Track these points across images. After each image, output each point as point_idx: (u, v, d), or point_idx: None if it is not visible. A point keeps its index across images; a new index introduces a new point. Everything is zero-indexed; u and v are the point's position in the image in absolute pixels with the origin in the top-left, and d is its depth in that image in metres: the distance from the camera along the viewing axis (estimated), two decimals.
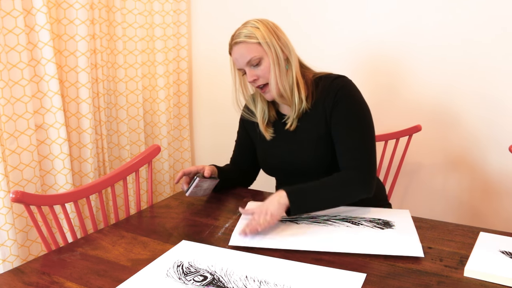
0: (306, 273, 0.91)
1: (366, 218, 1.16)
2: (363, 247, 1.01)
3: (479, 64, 1.70)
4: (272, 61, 1.23)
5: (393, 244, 1.01)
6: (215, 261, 0.96)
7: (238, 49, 1.24)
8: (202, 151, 2.45)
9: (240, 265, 0.94)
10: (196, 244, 1.05)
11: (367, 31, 1.87)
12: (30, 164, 1.63)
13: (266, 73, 1.24)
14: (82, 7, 1.72)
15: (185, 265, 0.95)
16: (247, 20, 1.26)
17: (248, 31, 1.22)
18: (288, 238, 1.06)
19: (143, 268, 0.95)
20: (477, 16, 1.67)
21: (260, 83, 1.25)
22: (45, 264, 1.00)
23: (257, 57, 1.22)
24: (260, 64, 1.23)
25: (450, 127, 1.80)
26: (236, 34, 1.24)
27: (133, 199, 2.08)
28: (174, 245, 1.06)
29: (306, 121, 1.29)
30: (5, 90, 1.51)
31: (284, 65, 1.25)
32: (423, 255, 0.97)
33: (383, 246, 1.01)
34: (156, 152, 1.48)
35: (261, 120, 1.36)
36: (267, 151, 1.38)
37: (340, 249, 1.01)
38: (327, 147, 1.27)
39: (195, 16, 2.27)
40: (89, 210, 1.31)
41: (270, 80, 1.24)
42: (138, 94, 2.10)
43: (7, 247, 1.52)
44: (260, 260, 0.96)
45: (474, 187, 1.81)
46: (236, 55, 1.24)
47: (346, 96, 1.23)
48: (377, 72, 1.90)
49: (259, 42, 1.21)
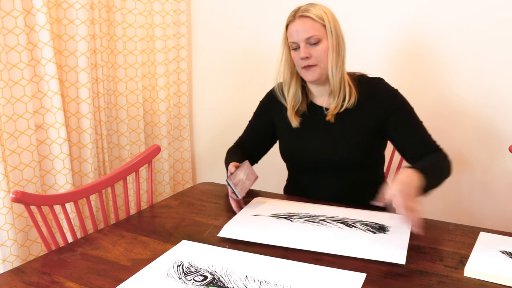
0: (306, 273, 0.91)
1: (364, 221, 1.15)
2: (344, 249, 1.00)
3: (479, 64, 1.70)
4: (332, 47, 1.25)
5: (377, 249, 0.99)
6: (215, 261, 0.96)
7: (303, 22, 1.24)
8: (202, 151, 2.45)
9: (240, 265, 0.94)
10: (196, 244, 1.05)
11: (367, 31, 1.87)
12: (30, 164, 1.63)
13: (320, 54, 1.25)
14: (82, 7, 1.72)
15: (185, 265, 0.95)
16: (312, 2, 1.28)
17: (317, 11, 1.24)
18: (278, 234, 1.07)
19: (143, 268, 0.95)
20: (477, 16, 1.67)
21: (311, 63, 1.26)
22: (45, 264, 1.00)
23: (318, 36, 1.24)
24: (318, 45, 1.25)
25: (450, 126, 1.80)
26: (304, 9, 1.25)
27: (133, 199, 2.08)
28: (175, 245, 1.06)
29: (346, 118, 1.31)
30: (5, 90, 1.51)
31: (341, 55, 1.28)
32: (404, 263, 0.94)
33: (365, 250, 0.99)
34: (156, 152, 1.48)
35: (291, 105, 1.36)
36: (297, 140, 1.37)
37: (322, 249, 1.01)
38: (359, 148, 1.31)
39: (195, 16, 2.27)
40: (89, 210, 1.31)
41: (324, 64, 1.26)
42: (138, 94, 2.10)
43: (7, 247, 1.52)
44: (260, 260, 0.97)
45: (474, 187, 1.81)
46: (298, 27, 1.25)
47: (397, 95, 1.32)
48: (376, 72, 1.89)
49: (324, 25, 1.24)
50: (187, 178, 2.42)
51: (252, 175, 1.30)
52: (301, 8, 1.26)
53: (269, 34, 2.06)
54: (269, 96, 1.46)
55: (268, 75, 1.78)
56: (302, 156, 1.37)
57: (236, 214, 1.22)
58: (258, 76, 2.14)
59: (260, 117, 1.47)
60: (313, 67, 1.26)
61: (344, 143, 1.31)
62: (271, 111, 1.43)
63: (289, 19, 1.28)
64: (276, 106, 1.41)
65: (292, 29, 1.26)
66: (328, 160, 1.32)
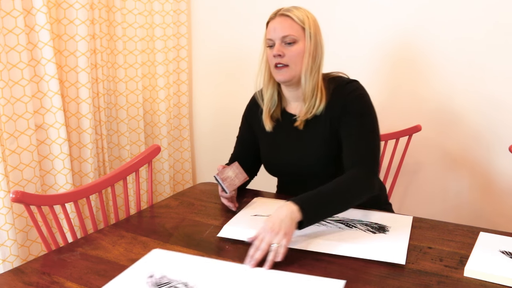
0: (283, 281, 0.89)
1: (363, 221, 1.15)
2: (344, 249, 1.00)
3: (479, 64, 1.70)
4: (308, 52, 1.23)
5: (377, 249, 0.99)
6: (188, 271, 0.92)
7: (283, 20, 1.23)
8: (202, 151, 2.45)
9: (214, 274, 0.91)
10: (169, 253, 1.01)
11: (366, 32, 1.87)
12: (30, 164, 1.63)
13: (294, 55, 1.22)
14: (82, 7, 1.72)
15: (156, 276, 0.91)
16: (297, 5, 1.27)
17: (300, 14, 1.23)
18: None
19: (112, 280, 0.90)
20: (477, 16, 1.67)
21: (283, 62, 1.23)
22: (45, 264, 1.00)
23: (294, 37, 1.22)
24: (293, 45, 1.22)
25: (450, 127, 1.80)
26: (286, 9, 1.24)
27: (133, 199, 2.08)
28: (174, 245, 1.06)
29: (314, 122, 1.28)
30: (5, 90, 1.51)
31: (316, 62, 1.25)
32: (404, 263, 0.95)
33: (366, 250, 0.99)
34: (156, 152, 1.48)
35: (267, 108, 1.34)
36: (271, 148, 1.36)
37: (322, 249, 1.01)
38: (331, 150, 1.27)
39: (195, 16, 2.28)
40: (89, 210, 1.31)
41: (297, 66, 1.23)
42: (138, 94, 2.10)
43: (7, 247, 1.52)
44: (235, 269, 0.94)
45: (474, 187, 1.81)
46: (277, 24, 1.23)
47: (356, 98, 1.24)
48: (377, 72, 1.90)
49: (304, 28, 1.23)
50: (187, 178, 2.42)
51: (242, 175, 1.29)
52: (283, 8, 1.25)
53: None
54: (248, 107, 1.44)
55: None
56: (277, 164, 1.36)
57: (236, 214, 1.22)
58: None
59: (244, 130, 1.46)
60: (284, 67, 1.23)
61: (312, 151, 1.28)
62: (250, 121, 1.42)
63: (270, 17, 1.27)
64: (254, 114, 1.40)
65: (270, 26, 1.25)
66: (300, 168, 1.31)
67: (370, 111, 1.25)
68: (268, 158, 1.39)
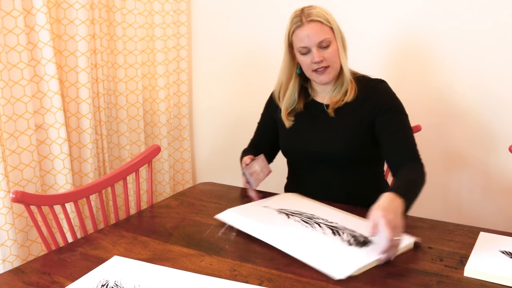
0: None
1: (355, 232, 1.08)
2: (304, 253, 0.99)
3: (478, 64, 1.70)
4: (341, 47, 1.30)
5: (330, 258, 0.96)
6: (142, 280, 0.91)
7: (313, 26, 1.25)
8: (202, 151, 2.45)
9: (168, 283, 0.89)
10: (128, 260, 1.00)
11: (367, 31, 1.87)
12: (30, 164, 1.63)
13: (332, 56, 1.28)
14: (82, 7, 1.72)
15: (110, 284, 0.89)
16: (310, 5, 1.29)
17: (321, 13, 1.26)
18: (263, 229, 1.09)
19: (67, 286, 0.89)
20: (477, 15, 1.67)
21: (325, 65, 1.28)
22: (45, 264, 1.00)
23: (329, 39, 1.26)
24: (328, 47, 1.27)
25: (450, 127, 1.80)
26: (308, 12, 1.26)
27: (133, 199, 2.08)
28: (174, 245, 1.06)
29: (345, 113, 1.33)
30: (5, 90, 1.51)
31: (346, 52, 1.33)
32: (338, 278, 0.90)
33: (316, 258, 0.97)
34: (156, 152, 1.48)
35: (285, 107, 1.39)
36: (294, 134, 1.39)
37: (285, 248, 1.02)
38: (358, 142, 1.32)
39: (195, 16, 2.27)
40: (89, 210, 1.31)
41: (337, 64, 1.30)
42: (138, 94, 2.10)
43: (7, 247, 1.52)
44: (190, 278, 0.92)
45: (474, 187, 1.81)
46: (309, 31, 1.25)
47: (393, 97, 1.34)
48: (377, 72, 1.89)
49: (331, 27, 1.27)
50: (187, 178, 2.42)
51: (266, 168, 1.34)
52: (304, 12, 1.26)
53: (269, 33, 2.06)
54: (271, 95, 1.50)
55: (268, 75, 1.78)
56: (301, 149, 1.39)
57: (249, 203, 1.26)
58: (258, 75, 2.14)
59: (265, 117, 1.51)
60: (327, 69, 1.29)
61: (342, 138, 1.32)
62: (273, 109, 1.46)
63: (295, 24, 1.27)
64: (276, 104, 1.45)
65: (302, 34, 1.26)
66: (326, 154, 1.34)
67: (403, 110, 1.34)
68: (292, 144, 1.41)
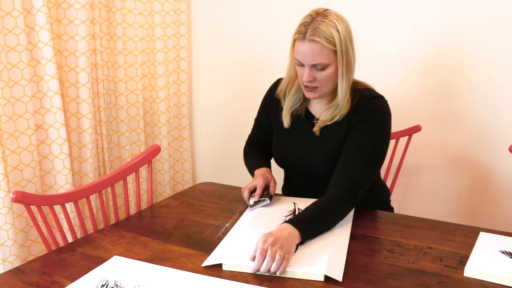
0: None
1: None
2: None
3: (478, 64, 1.70)
4: (341, 71, 1.19)
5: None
6: (142, 280, 0.91)
7: (311, 47, 1.15)
8: (202, 151, 2.45)
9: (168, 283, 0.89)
10: (128, 261, 1.00)
11: (368, 31, 1.87)
12: (30, 164, 1.63)
13: (325, 79, 1.19)
14: (82, 7, 1.72)
15: (110, 284, 0.89)
16: (325, 12, 1.17)
17: (329, 32, 1.14)
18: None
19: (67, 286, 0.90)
20: (477, 15, 1.67)
21: (313, 85, 1.21)
22: (45, 264, 1.00)
23: (326, 63, 1.17)
24: (324, 70, 1.18)
25: (450, 127, 1.80)
26: (314, 28, 1.14)
27: (133, 199, 2.08)
28: (174, 245, 1.06)
29: (333, 131, 1.27)
30: (5, 90, 1.51)
31: (349, 76, 1.21)
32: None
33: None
34: (156, 152, 1.48)
35: (288, 104, 1.33)
36: (286, 140, 1.37)
37: None
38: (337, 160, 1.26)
39: (195, 16, 2.27)
40: (89, 210, 1.31)
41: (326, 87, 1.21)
42: (138, 94, 2.10)
43: (7, 247, 1.52)
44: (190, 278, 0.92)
45: (474, 187, 1.81)
46: (306, 50, 1.15)
47: (373, 115, 1.22)
48: (377, 72, 1.89)
49: (335, 51, 1.16)
50: (187, 178, 2.42)
51: (268, 203, 1.30)
52: (313, 24, 1.15)
53: (269, 33, 2.06)
54: (269, 93, 1.45)
55: (268, 75, 1.78)
56: (289, 161, 1.38)
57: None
58: (259, 75, 2.14)
59: (262, 117, 1.48)
60: (315, 89, 1.22)
61: (327, 157, 1.28)
62: (269, 111, 1.43)
63: (299, 34, 1.17)
64: (273, 105, 1.41)
65: (299, 49, 1.17)
66: (312, 170, 1.32)
67: (380, 132, 1.23)
68: (281, 152, 1.39)
